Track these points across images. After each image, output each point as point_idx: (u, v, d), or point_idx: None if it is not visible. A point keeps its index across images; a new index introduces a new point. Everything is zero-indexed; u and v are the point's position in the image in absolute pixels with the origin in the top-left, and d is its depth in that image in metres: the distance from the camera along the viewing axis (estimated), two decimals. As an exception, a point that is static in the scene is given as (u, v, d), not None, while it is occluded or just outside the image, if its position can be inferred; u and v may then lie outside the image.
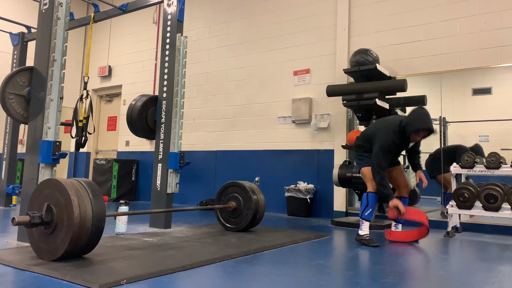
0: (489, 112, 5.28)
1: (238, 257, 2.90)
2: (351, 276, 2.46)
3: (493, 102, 5.30)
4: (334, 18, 5.97)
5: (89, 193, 2.58)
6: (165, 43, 4.46)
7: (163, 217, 4.17)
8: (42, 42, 3.35)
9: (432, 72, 5.18)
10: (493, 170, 4.12)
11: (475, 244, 3.81)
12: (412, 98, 5.10)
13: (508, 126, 4.92)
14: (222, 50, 7.11)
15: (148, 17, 8.16)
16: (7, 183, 5.91)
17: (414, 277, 2.50)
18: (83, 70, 9.18)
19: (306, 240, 3.75)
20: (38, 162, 3.16)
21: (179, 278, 2.30)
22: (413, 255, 3.26)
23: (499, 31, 4.81)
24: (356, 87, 5.06)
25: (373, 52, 5.13)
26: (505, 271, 2.72)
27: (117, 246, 3.12)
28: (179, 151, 4.27)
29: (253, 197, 4.03)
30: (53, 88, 3.22)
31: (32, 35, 6.06)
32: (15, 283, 2.12)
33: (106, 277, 2.19)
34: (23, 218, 2.48)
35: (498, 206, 3.97)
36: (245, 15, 6.91)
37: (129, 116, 4.39)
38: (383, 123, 3.85)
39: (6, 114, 3.70)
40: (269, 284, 2.22)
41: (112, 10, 4.88)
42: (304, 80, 6.16)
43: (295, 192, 5.81)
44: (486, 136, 5.18)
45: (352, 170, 4.91)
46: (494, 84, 5.23)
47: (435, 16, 5.22)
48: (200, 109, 7.23)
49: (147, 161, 7.74)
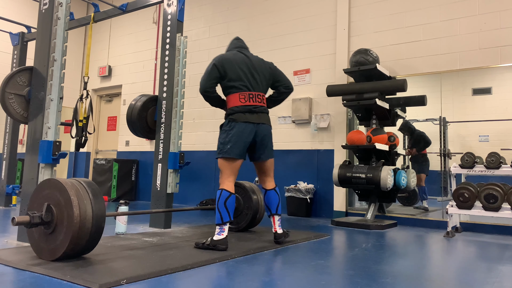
0: (489, 112, 5.28)
1: (238, 257, 2.90)
2: (351, 276, 2.46)
3: (493, 102, 5.30)
4: (334, 18, 5.97)
5: (89, 193, 2.58)
6: (165, 43, 4.46)
7: (163, 217, 4.17)
8: (42, 42, 3.35)
9: (432, 72, 5.18)
10: (493, 170, 4.12)
11: (475, 244, 3.81)
12: (412, 98, 5.10)
13: (508, 126, 4.92)
14: (222, 50, 7.00)
15: (148, 17, 8.16)
16: (7, 183, 5.91)
17: (414, 277, 2.50)
18: (83, 70, 9.17)
19: (306, 240, 3.75)
20: (38, 162, 3.16)
21: (179, 278, 2.30)
22: (413, 255, 3.26)
23: (499, 31, 4.81)
24: (356, 87, 5.06)
25: (373, 52, 5.13)
26: (505, 271, 2.72)
27: (117, 246, 3.12)
28: (179, 151, 4.27)
29: (253, 197, 4.03)
30: (53, 88, 3.22)
31: (32, 35, 6.06)
32: (15, 283, 2.12)
33: (106, 277, 2.19)
34: (23, 218, 2.48)
35: (498, 206, 3.97)
36: (245, 15, 6.91)
37: (129, 116, 4.39)
38: None
39: (6, 114, 3.70)
40: (269, 284, 2.22)
41: (112, 10, 4.88)
42: (304, 80, 6.16)
43: (295, 192, 5.81)
44: (486, 136, 5.18)
45: (352, 170, 4.92)
46: (494, 84, 5.23)
47: (435, 16, 5.22)
48: (200, 109, 7.22)
49: (147, 161, 7.74)
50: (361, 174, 4.81)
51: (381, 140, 4.90)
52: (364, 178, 4.77)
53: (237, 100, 3.29)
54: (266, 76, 3.46)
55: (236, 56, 3.39)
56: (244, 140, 3.24)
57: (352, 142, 5.00)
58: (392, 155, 5.13)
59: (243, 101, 3.28)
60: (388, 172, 4.65)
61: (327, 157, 5.81)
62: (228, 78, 3.30)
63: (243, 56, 3.42)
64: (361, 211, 5.52)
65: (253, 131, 3.27)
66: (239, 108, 3.26)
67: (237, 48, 3.51)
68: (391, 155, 5.11)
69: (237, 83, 3.30)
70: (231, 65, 3.31)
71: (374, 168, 4.78)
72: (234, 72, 3.30)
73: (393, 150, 5.09)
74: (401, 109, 5.33)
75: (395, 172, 4.82)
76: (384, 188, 4.67)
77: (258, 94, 3.36)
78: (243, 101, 3.28)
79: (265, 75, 3.45)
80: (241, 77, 3.31)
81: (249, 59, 3.42)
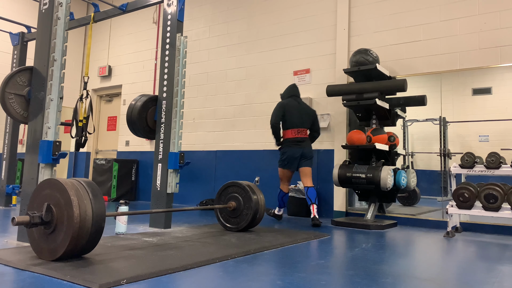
0: (489, 112, 5.28)
1: (238, 257, 2.90)
2: (351, 276, 2.46)
3: (493, 102, 5.30)
4: (334, 18, 5.97)
5: (89, 193, 2.58)
6: (165, 43, 4.46)
7: (163, 217, 4.17)
8: (42, 42, 3.35)
9: (432, 72, 5.18)
10: (493, 170, 4.12)
11: (475, 244, 3.81)
12: (412, 98, 5.10)
13: (508, 126, 4.92)
14: (222, 50, 7.11)
15: (148, 17, 8.16)
16: (7, 183, 5.91)
17: (414, 277, 2.50)
18: (83, 70, 9.18)
19: (306, 240, 3.75)
20: (38, 162, 3.16)
21: (179, 278, 2.30)
22: (413, 255, 3.26)
23: (499, 31, 4.81)
24: (356, 87, 5.06)
25: (373, 52, 5.13)
26: (505, 271, 2.72)
27: (117, 246, 3.12)
28: (179, 151, 4.27)
29: (253, 197, 4.03)
30: (53, 88, 3.22)
31: (32, 35, 6.06)
32: (15, 283, 2.12)
33: (106, 277, 2.19)
34: (23, 218, 2.48)
35: (498, 206, 3.97)
36: (245, 15, 6.91)
37: (129, 116, 4.39)
38: None
39: (6, 114, 3.70)
40: (269, 284, 2.22)
41: (112, 10, 4.88)
42: (304, 80, 6.16)
43: (295, 192, 5.81)
44: (486, 136, 5.18)
45: (352, 170, 4.92)
46: (494, 84, 5.23)
47: (435, 16, 5.22)
48: (200, 109, 7.23)
49: (147, 161, 7.75)
50: (361, 174, 4.81)
51: (381, 140, 4.90)
52: (364, 178, 4.77)
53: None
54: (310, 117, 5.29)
55: (291, 103, 5.19)
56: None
57: (352, 142, 5.00)
58: (392, 155, 5.13)
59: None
60: (388, 172, 4.65)
61: (327, 157, 5.81)
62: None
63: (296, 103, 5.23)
64: (361, 211, 5.52)
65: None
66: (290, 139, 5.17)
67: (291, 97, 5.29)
68: (391, 155, 5.11)
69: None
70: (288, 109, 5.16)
71: (374, 168, 4.78)
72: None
73: (393, 150, 5.09)
74: (401, 109, 5.33)
75: (395, 172, 4.82)
76: (384, 188, 4.67)
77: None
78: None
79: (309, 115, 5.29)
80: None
81: (299, 104, 5.23)
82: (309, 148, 5.17)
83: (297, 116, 5.09)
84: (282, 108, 5.08)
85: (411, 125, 5.80)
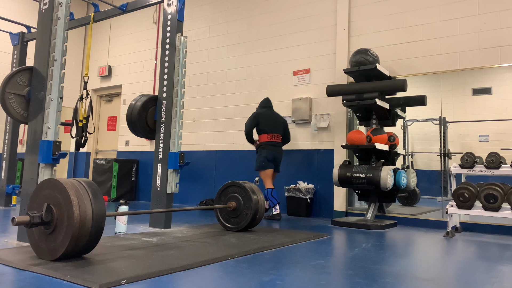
0: (489, 112, 5.28)
1: (238, 257, 2.90)
2: (351, 276, 2.46)
3: (493, 102, 5.30)
4: (334, 18, 5.97)
5: (89, 193, 2.58)
6: (165, 43, 4.46)
7: (163, 217, 4.17)
8: (42, 42, 3.35)
9: (432, 72, 5.18)
10: (493, 170, 4.12)
11: (475, 244, 3.81)
12: (412, 98, 5.10)
13: (508, 126, 4.92)
14: (222, 50, 7.11)
15: (148, 17, 8.16)
16: (7, 183, 5.91)
17: (414, 277, 2.50)
18: (83, 70, 9.18)
19: (306, 240, 3.75)
20: (38, 162, 3.16)
21: (179, 278, 2.30)
22: (413, 255, 3.26)
23: (499, 31, 4.81)
24: (356, 87, 5.06)
25: (373, 52, 5.13)
26: (505, 271, 2.72)
27: (117, 246, 3.12)
28: (179, 151, 4.27)
29: (253, 197, 4.03)
30: (53, 88, 3.22)
31: (32, 35, 6.06)
32: (15, 283, 2.12)
33: (106, 277, 2.19)
34: (23, 218, 2.48)
35: (498, 206, 3.97)
36: (245, 15, 6.91)
37: (129, 116, 4.39)
38: None
39: (6, 114, 3.70)
40: (269, 284, 2.22)
41: (112, 10, 4.88)
42: (304, 80, 6.16)
43: (295, 192, 5.81)
44: (486, 136, 5.18)
45: (352, 170, 4.92)
46: (494, 84, 5.23)
47: (435, 16, 5.22)
48: (200, 109, 7.23)
49: (147, 161, 7.74)
50: (361, 174, 4.81)
51: (381, 140, 4.90)
52: (364, 178, 4.77)
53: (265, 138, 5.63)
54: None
55: (264, 112, 5.68)
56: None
57: (352, 142, 5.00)
58: (392, 155, 5.13)
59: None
60: (388, 172, 4.65)
61: (327, 157, 5.81)
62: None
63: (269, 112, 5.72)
64: (361, 211, 5.52)
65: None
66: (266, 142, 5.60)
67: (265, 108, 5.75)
68: (391, 155, 5.11)
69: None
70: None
71: (374, 168, 4.78)
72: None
73: (393, 150, 5.09)
74: (401, 109, 5.33)
75: (395, 172, 4.82)
76: (384, 188, 4.67)
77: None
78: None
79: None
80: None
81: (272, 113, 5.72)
82: (282, 153, 5.68)
83: (271, 123, 5.61)
84: (256, 118, 5.59)
85: (411, 125, 5.82)
